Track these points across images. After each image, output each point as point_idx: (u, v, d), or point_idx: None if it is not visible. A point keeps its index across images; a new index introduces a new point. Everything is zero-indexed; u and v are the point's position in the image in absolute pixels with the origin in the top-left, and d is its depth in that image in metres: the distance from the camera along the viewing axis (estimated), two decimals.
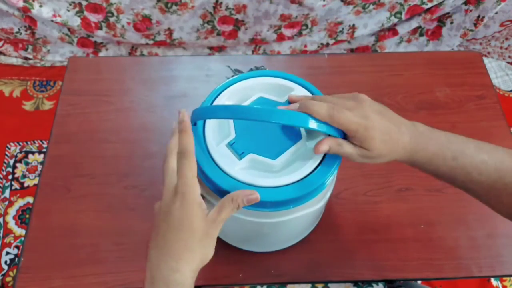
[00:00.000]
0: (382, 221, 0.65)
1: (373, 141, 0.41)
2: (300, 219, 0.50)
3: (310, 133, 0.47)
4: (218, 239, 0.42)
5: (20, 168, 1.39)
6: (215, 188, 0.44)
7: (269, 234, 0.57)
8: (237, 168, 0.44)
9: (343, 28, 1.46)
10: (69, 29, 1.45)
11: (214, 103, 0.49)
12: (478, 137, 0.45)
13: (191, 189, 0.38)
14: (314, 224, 0.63)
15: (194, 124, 0.47)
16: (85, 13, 1.37)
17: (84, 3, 1.34)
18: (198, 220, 0.38)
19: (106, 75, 0.79)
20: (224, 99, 0.50)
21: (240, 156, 0.45)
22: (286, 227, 0.54)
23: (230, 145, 0.46)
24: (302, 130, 0.47)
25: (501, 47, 1.57)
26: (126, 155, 0.70)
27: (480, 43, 1.58)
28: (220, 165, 0.44)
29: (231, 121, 0.48)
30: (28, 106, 1.51)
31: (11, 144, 1.43)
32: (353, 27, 1.46)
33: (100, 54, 1.55)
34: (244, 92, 0.51)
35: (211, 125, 0.48)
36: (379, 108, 0.43)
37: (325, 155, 0.46)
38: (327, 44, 1.53)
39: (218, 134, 0.47)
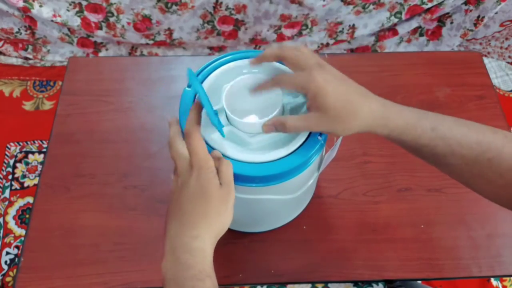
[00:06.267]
0: (382, 221, 0.65)
1: (326, 97, 0.39)
2: (273, 202, 0.51)
3: None
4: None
5: (20, 168, 1.39)
6: None
7: (254, 212, 0.57)
8: (214, 136, 0.45)
9: (343, 28, 1.46)
10: (69, 29, 1.45)
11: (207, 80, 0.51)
12: None
13: (204, 163, 0.40)
14: (294, 211, 0.64)
15: (188, 86, 0.49)
16: (85, 13, 1.37)
17: (84, 3, 1.34)
18: (213, 189, 0.40)
19: (106, 75, 0.79)
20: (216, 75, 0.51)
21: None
22: (264, 206, 0.55)
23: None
24: None
25: (501, 47, 1.57)
26: (126, 155, 0.70)
27: (480, 43, 1.58)
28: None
29: (224, 91, 0.48)
30: (28, 106, 1.51)
31: (11, 144, 1.43)
32: (353, 27, 1.46)
33: (100, 54, 1.55)
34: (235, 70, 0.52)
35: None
36: (339, 74, 0.43)
37: (301, 144, 0.46)
38: (327, 44, 1.53)
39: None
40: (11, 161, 1.40)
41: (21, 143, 1.43)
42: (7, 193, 1.34)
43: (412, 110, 0.42)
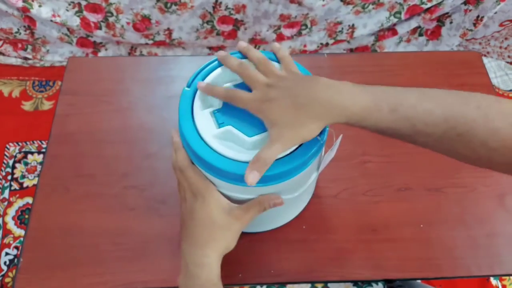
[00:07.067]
0: (382, 221, 0.65)
1: (270, 111, 0.41)
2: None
3: None
4: None
5: (19, 168, 1.39)
6: (189, 150, 0.47)
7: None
8: (213, 135, 0.46)
9: (342, 28, 1.47)
10: (68, 29, 1.45)
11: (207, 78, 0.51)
12: None
13: (207, 192, 0.47)
14: (293, 211, 0.64)
15: (188, 86, 0.51)
16: (85, 13, 1.37)
17: (84, 3, 1.34)
18: (217, 215, 0.47)
19: (106, 75, 0.79)
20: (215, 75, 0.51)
21: (220, 125, 0.47)
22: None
23: (214, 113, 0.48)
24: None
25: (500, 47, 1.57)
26: (126, 155, 0.70)
27: (480, 43, 1.58)
28: (198, 128, 0.46)
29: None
30: (27, 106, 1.51)
31: (10, 144, 1.43)
32: (352, 27, 1.46)
33: (100, 54, 1.55)
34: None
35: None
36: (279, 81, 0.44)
37: (300, 144, 0.46)
38: (327, 44, 1.53)
39: (207, 101, 0.49)
40: (10, 162, 1.39)
41: (20, 143, 1.43)
42: (6, 193, 1.34)
43: (371, 91, 0.40)
